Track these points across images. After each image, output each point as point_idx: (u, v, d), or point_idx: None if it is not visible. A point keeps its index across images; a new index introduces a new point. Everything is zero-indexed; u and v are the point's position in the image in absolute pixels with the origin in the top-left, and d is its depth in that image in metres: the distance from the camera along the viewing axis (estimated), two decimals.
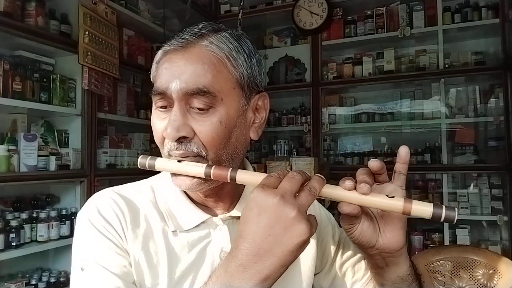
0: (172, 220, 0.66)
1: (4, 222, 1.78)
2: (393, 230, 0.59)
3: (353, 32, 3.13)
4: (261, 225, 0.49)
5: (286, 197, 0.50)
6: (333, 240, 0.78)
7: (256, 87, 0.66)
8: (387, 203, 0.53)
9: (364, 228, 0.59)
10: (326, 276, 0.78)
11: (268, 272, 0.49)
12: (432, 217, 0.51)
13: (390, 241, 0.59)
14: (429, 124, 2.97)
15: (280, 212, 0.49)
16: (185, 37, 0.61)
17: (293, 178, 0.52)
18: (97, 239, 0.62)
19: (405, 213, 0.53)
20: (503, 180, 2.73)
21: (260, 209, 0.49)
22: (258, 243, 0.49)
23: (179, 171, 0.61)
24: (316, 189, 0.53)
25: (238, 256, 0.49)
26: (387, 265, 0.63)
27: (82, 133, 2.12)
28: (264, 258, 0.49)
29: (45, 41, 1.95)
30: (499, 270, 1.30)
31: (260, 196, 0.50)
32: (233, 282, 0.49)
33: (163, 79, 0.61)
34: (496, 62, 2.77)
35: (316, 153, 3.09)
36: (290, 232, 0.49)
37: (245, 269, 0.49)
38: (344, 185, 0.54)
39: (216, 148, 0.61)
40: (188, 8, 2.83)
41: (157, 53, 0.64)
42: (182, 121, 0.59)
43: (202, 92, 0.58)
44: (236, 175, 0.57)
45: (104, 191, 0.68)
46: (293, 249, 0.49)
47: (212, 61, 0.60)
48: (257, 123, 0.67)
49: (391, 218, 0.59)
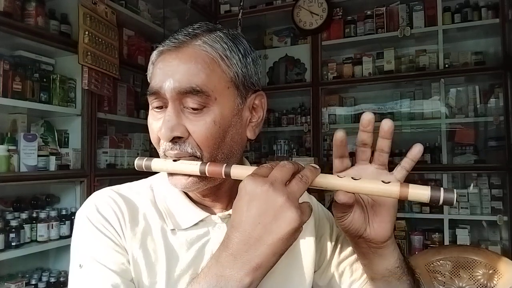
0: (171, 219, 0.66)
1: (4, 222, 1.78)
2: (381, 221, 0.59)
3: (353, 32, 3.13)
4: (251, 213, 0.49)
5: (275, 185, 0.49)
6: (331, 239, 0.78)
7: (253, 86, 0.66)
8: (383, 188, 0.51)
9: (355, 217, 0.59)
10: (323, 274, 0.77)
11: (259, 260, 0.48)
12: (430, 200, 0.50)
13: (377, 232, 0.59)
14: (429, 124, 2.97)
15: (269, 199, 0.48)
16: (178, 38, 0.62)
17: (284, 166, 0.52)
18: (95, 237, 0.62)
19: (402, 198, 0.51)
20: (503, 180, 2.73)
21: (250, 198, 0.49)
22: (248, 231, 0.49)
23: (175, 170, 0.61)
24: (308, 177, 0.52)
25: (229, 246, 0.49)
26: (374, 257, 0.63)
27: (82, 133, 2.12)
28: (255, 246, 0.48)
29: (45, 41, 1.95)
30: (499, 270, 1.30)
31: (250, 184, 0.50)
32: (224, 271, 0.48)
33: (157, 79, 0.61)
34: (496, 62, 2.77)
35: (316, 153, 3.09)
36: (279, 219, 0.48)
37: (235, 258, 0.48)
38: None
39: (211, 148, 0.61)
40: (188, 8, 2.83)
41: (152, 54, 0.65)
42: (176, 121, 0.60)
43: (195, 91, 0.59)
44: (231, 170, 0.57)
45: (103, 190, 0.68)
46: (283, 237, 0.48)
47: (205, 60, 0.60)
48: (254, 122, 0.67)
49: (380, 209, 0.59)
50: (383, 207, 0.59)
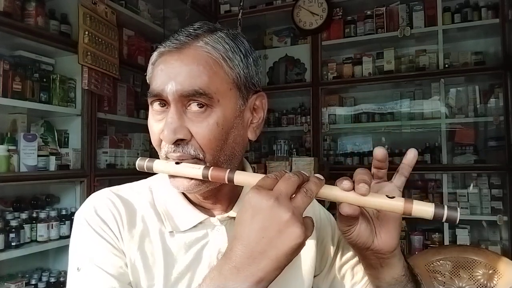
0: (170, 221, 0.65)
1: (4, 222, 1.78)
2: (388, 231, 0.59)
3: (353, 32, 3.13)
4: (255, 227, 0.48)
5: (280, 199, 0.49)
6: (332, 242, 0.78)
7: (253, 87, 0.65)
8: (387, 203, 0.52)
9: (362, 230, 0.58)
10: (325, 278, 0.77)
11: (262, 274, 0.48)
12: (434, 218, 0.50)
13: (384, 242, 0.59)
14: (429, 124, 2.97)
15: (274, 214, 0.48)
16: (180, 38, 0.61)
17: (289, 179, 0.51)
18: (93, 239, 0.61)
19: (406, 214, 0.51)
20: (503, 180, 2.73)
21: (254, 211, 0.49)
22: (252, 245, 0.48)
23: (177, 173, 0.60)
24: (312, 191, 0.52)
25: (232, 258, 0.49)
26: (381, 266, 0.63)
27: (82, 133, 2.12)
28: (258, 260, 0.48)
29: (45, 41, 1.95)
30: (499, 270, 1.30)
31: (255, 198, 0.49)
32: (227, 284, 0.48)
33: (158, 81, 0.60)
34: (496, 62, 2.77)
35: (316, 153, 3.09)
36: (284, 235, 0.48)
37: (239, 271, 0.48)
38: (342, 186, 0.53)
39: (214, 150, 0.60)
40: (188, 8, 2.83)
41: (153, 55, 0.64)
42: (178, 123, 0.59)
43: (198, 94, 0.58)
44: (234, 176, 0.57)
45: (102, 191, 0.67)
46: (287, 252, 0.48)
47: (208, 62, 0.59)
48: (255, 123, 0.67)
49: (386, 219, 0.59)
50: (389, 217, 0.59)
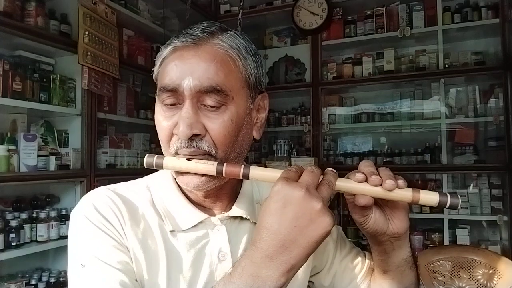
0: (170, 220, 0.65)
1: (4, 222, 1.78)
2: (400, 215, 0.62)
3: (353, 32, 3.13)
4: (287, 217, 0.50)
5: (310, 190, 0.51)
6: (332, 238, 0.80)
7: (260, 87, 0.67)
8: (397, 193, 0.56)
9: (377, 217, 0.62)
10: (327, 274, 0.79)
11: (294, 262, 0.50)
12: (438, 205, 0.55)
13: (398, 226, 0.62)
14: (429, 124, 2.97)
15: (307, 204, 0.50)
16: (196, 34, 0.61)
17: (313, 172, 0.54)
18: (96, 236, 0.61)
19: (414, 202, 0.56)
20: (503, 180, 2.73)
21: (286, 202, 0.51)
22: (284, 234, 0.50)
23: (189, 169, 0.60)
24: (333, 183, 0.55)
25: (264, 247, 0.50)
26: (393, 249, 0.66)
27: (82, 133, 2.11)
28: (290, 248, 0.50)
29: (45, 41, 1.95)
30: (499, 270, 1.31)
31: (286, 189, 0.51)
32: (261, 272, 0.50)
33: (173, 76, 0.60)
34: (496, 62, 2.78)
35: (316, 153, 3.09)
36: (315, 223, 0.50)
37: (271, 259, 0.50)
38: (356, 178, 0.56)
39: (226, 146, 0.61)
40: (188, 8, 2.83)
41: (164, 50, 0.64)
42: (194, 118, 0.59)
43: (215, 90, 0.59)
44: (250, 171, 0.57)
45: (99, 189, 0.67)
46: (317, 240, 0.51)
47: (225, 59, 0.61)
48: (259, 123, 0.69)
49: (395, 206, 0.62)
50: (398, 204, 0.62)
